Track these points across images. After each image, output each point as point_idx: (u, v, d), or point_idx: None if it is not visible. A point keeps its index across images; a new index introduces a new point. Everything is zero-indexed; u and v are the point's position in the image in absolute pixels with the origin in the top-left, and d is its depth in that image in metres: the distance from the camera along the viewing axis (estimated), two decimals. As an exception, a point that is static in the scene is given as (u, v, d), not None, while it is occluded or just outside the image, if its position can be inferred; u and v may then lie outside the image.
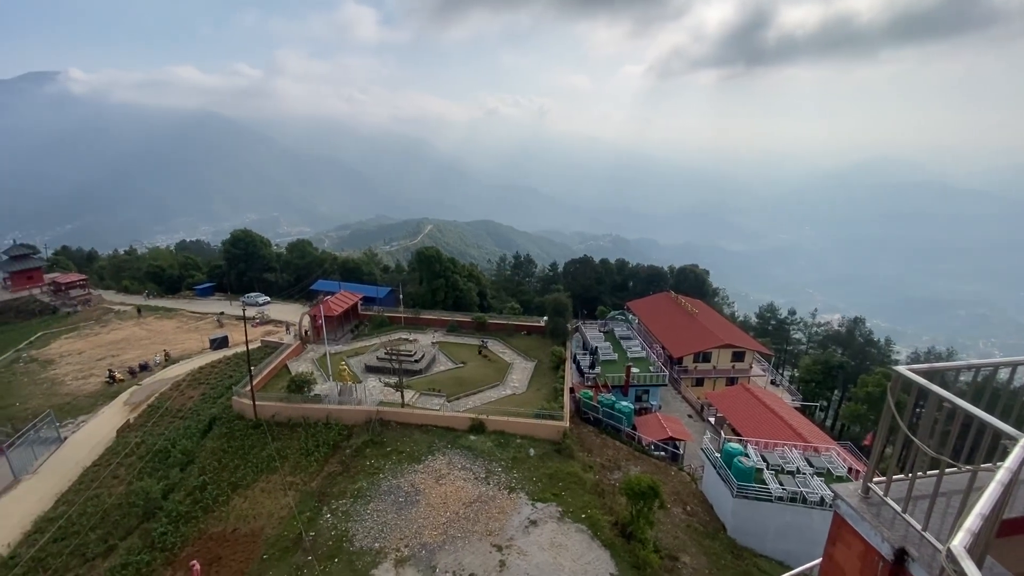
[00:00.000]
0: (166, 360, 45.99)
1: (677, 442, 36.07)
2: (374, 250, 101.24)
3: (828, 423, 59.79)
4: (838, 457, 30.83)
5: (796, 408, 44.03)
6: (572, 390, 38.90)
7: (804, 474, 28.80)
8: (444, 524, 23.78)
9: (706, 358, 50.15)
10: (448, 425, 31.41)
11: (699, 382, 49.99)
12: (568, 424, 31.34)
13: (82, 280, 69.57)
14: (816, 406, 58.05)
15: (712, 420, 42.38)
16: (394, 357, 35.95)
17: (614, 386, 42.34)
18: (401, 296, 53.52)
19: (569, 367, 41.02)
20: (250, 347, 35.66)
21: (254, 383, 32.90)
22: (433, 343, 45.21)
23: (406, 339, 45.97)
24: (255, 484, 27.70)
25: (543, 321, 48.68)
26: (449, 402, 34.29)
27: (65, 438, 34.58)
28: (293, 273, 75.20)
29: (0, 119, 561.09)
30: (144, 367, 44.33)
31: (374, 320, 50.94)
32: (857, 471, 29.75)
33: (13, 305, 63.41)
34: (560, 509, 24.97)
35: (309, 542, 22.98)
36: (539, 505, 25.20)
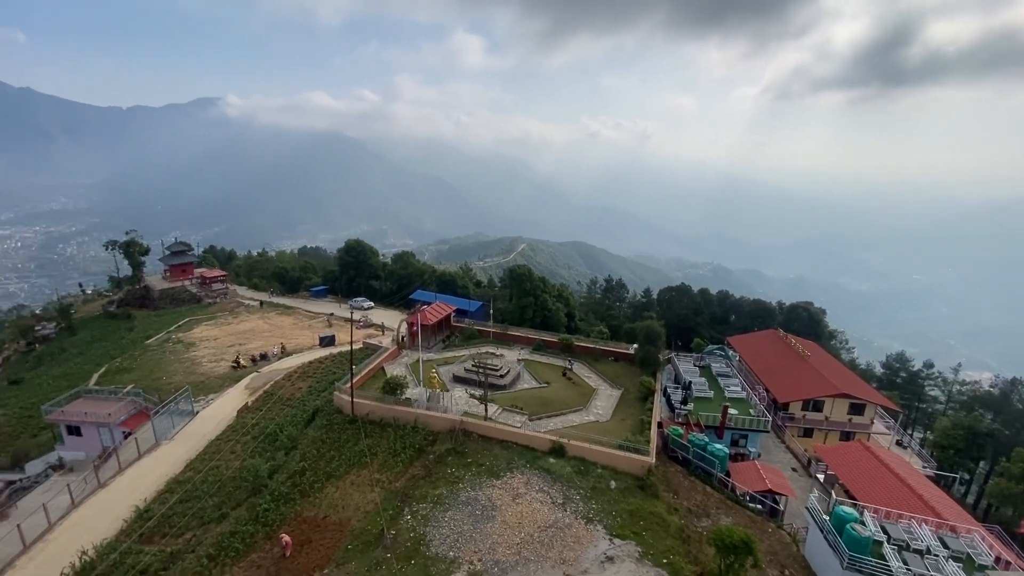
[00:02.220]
0: (282, 352, 51.04)
1: (777, 496, 32.62)
2: (469, 265, 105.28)
3: (970, 500, 50.69)
4: (982, 542, 25.89)
5: (928, 477, 37.88)
6: (660, 425, 36.94)
7: (936, 556, 24.50)
8: (518, 544, 23.51)
9: (817, 407, 45.10)
10: (528, 444, 31.25)
11: (807, 433, 45.01)
12: (654, 460, 29.71)
13: (222, 276, 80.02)
14: (955, 478, 49.59)
15: (821, 477, 37.83)
16: (481, 370, 36.74)
17: (708, 426, 39.52)
18: (491, 311, 54.82)
19: (658, 400, 39.07)
20: (353, 347, 38.45)
21: (354, 381, 35.33)
22: (519, 360, 45.54)
23: (493, 353, 46.81)
24: (346, 476, 29.52)
25: (632, 349, 47.04)
26: (531, 421, 34.17)
27: (197, 412, 39.55)
28: (396, 282, 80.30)
29: (175, 136, 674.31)
30: (264, 356, 49.58)
31: (464, 332, 52.59)
32: (1008, 562, 24.75)
33: (169, 293, 74.50)
34: (640, 549, 23.59)
35: (389, 540, 23.89)
36: (617, 541, 24.02)
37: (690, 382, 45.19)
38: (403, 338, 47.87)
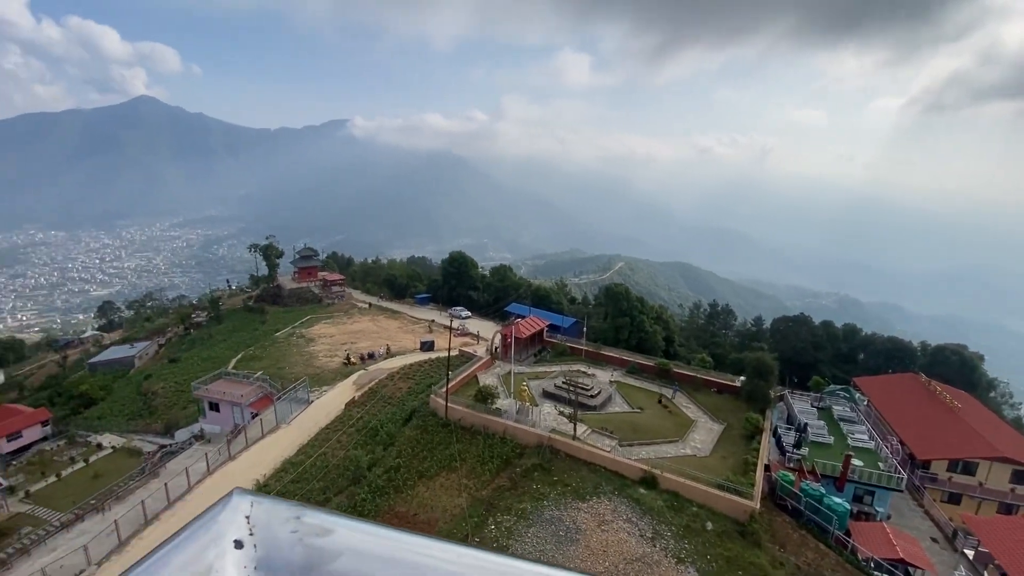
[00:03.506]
0: (387, 353, 54.61)
1: (911, 568, 27.92)
2: (564, 281, 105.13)
3: None
4: None
5: None
6: (768, 468, 33.56)
7: None
8: (602, 574, 22.55)
9: (969, 469, 38.11)
10: (617, 470, 30.04)
11: (953, 499, 38.14)
12: (758, 506, 26.99)
13: (341, 280, 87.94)
14: None
15: (970, 554, 31.74)
16: (571, 388, 36.23)
17: (825, 476, 35.10)
18: (585, 329, 54.02)
19: (767, 440, 35.57)
20: (451, 354, 40.02)
21: (449, 387, 36.69)
22: (611, 381, 44.22)
23: (584, 372, 45.97)
24: (436, 477, 30.57)
25: (739, 381, 43.47)
26: (620, 446, 32.87)
27: (312, 401, 43.55)
28: (493, 294, 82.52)
29: (310, 154, 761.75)
30: (371, 356, 53.41)
31: (556, 348, 52.34)
32: None
33: (296, 293, 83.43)
34: (737, 603, 21.44)
35: (472, 548, 24.21)
36: (711, 589, 22.07)
37: (805, 424, 40.61)
38: (496, 349, 48.83)
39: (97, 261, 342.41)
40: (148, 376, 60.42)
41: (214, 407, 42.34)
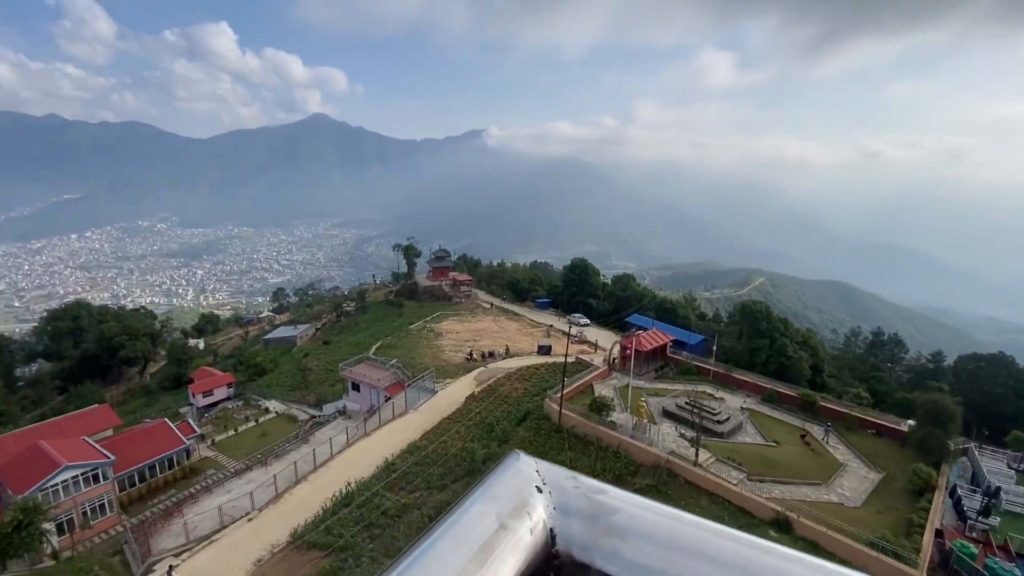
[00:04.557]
0: (506, 353, 56.34)
1: None
2: (694, 294, 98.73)
3: None
4: None
5: None
6: (940, 534, 27.83)
7: None
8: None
9: None
10: (743, 506, 27.26)
11: None
12: (925, 577, 22.48)
13: (469, 280, 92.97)
14: None
15: None
16: (696, 410, 33.77)
17: (1021, 555, 28.07)
18: (715, 348, 50.09)
19: (941, 500, 29.53)
20: (567, 360, 39.93)
21: (564, 393, 36.61)
22: (742, 408, 40.34)
23: (712, 394, 42.59)
24: (546, 483, 30.63)
25: (906, 425, 36.76)
26: (749, 480, 29.76)
27: (437, 391, 46.58)
28: (613, 303, 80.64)
29: (449, 163, 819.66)
30: (491, 354, 55.55)
31: (681, 365, 49.30)
32: None
33: (430, 290, 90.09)
34: None
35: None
36: (856, 665, 18.85)
37: (998, 488, 32.85)
38: (614, 360, 47.52)
39: (275, 254, 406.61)
40: (306, 354, 69.82)
41: (356, 387, 47.43)
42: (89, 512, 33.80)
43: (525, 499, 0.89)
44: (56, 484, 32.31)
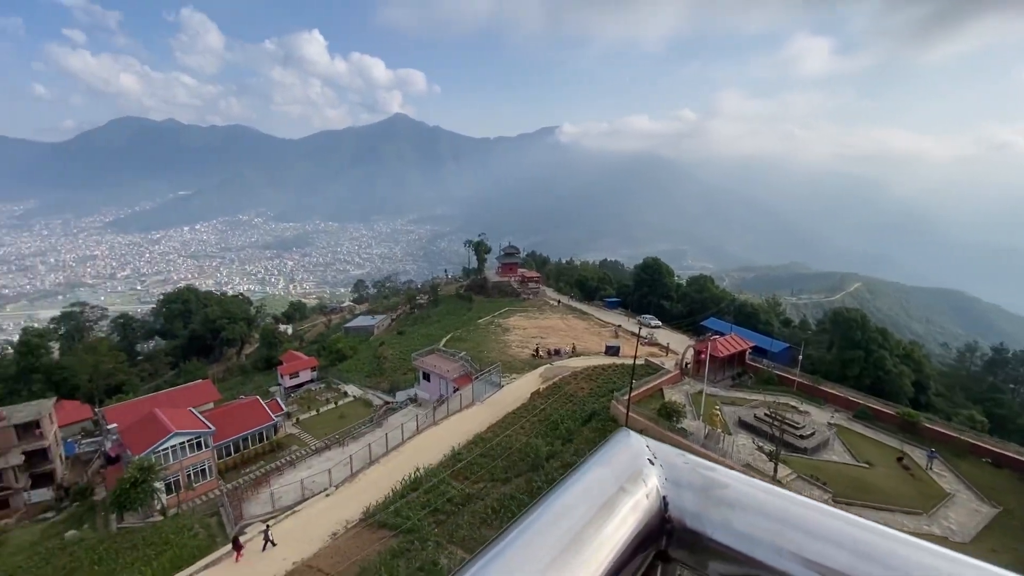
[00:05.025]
0: (573, 352, 55.85)
1: None
2: (778, 299, 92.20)
3: None
4: None
5: None
6: (1073, 584, 23.98)
7: None
8: None
9: None
10: (829, 530, 25.09)
11: None
12: (1053, 633, 19.48)
13: (537, 278, 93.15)
14: None
15: None
16: (776, 422, 31.55)
17: None
18: (800, 357, 46.53)
19: (1075, 545, 25.46)
20: (636, 362, 38.83)
21: (632, 395, 35.66)
22: (829, 424, 37.17)
23: (795, 407, 39.61)
24: (610, 486, 30.03)
25: (1031, 455, 32.09)
26: (835, 502, 27.32)
27: (503, 386, 47.15)
28: (688, 305, 77.36)
29: (521, 160, 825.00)
30: (557, 352, 55.30)
31: (760, 374, 46.32)
32: None
33: (498, 286, 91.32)
34: None
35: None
36: None
37: None
38: (687, 365, 45.58)
39: (356, 248, 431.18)
40: (382, 343, 73.43)
41: (426, 377, 49.18)
42: (192, 475, 37.82)
43: (639, 469, 0.93)
44: (166, 448, 36.44)
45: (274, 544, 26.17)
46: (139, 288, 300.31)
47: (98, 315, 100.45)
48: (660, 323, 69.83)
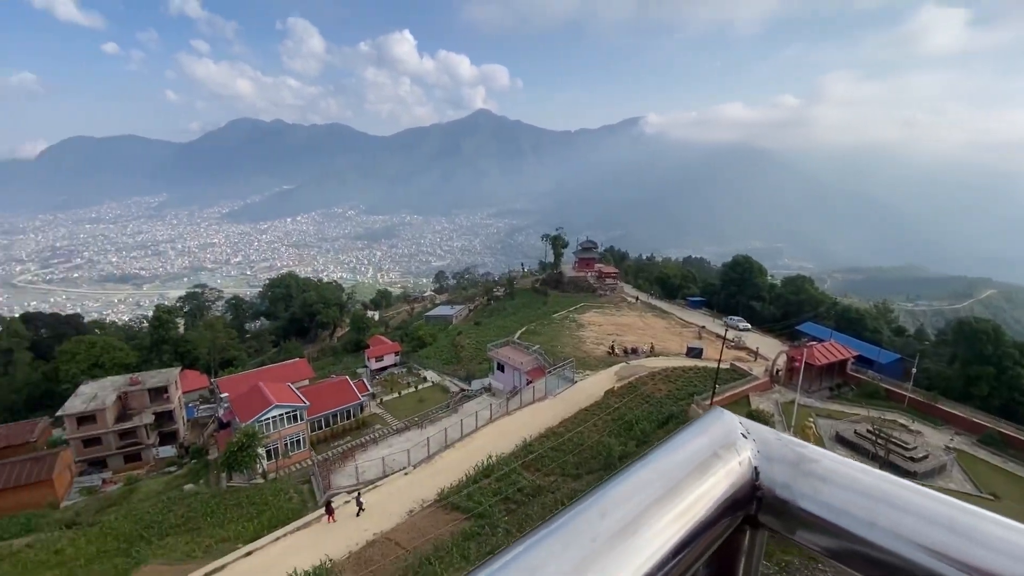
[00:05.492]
0: (651, 351, 54.03)
1: None
2: (889, 304, 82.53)
3: None
4: None
5: None
6: None
7: None
8: None
9: None
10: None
11: None
12: None
13: (615, 273, 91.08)
14: None
15: None
16: (881, 440, 28.41)
17: None
18: (914, 370, 41.47)
19: None
20: (720, 366, 36.73)
21: (714, 400, 33.80)
22: (947, 447, 32.82)
23: (905, 425, 35.42)
24: (687, 493, 28.75)
25: None
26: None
27: (576, 382, 46.76)
28: (782, 307, 71.81)
29: (603, 153, 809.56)
30: (634, 351, 53.77)
31: (864, 387, 41.91)
32: None
33: (574, 281, 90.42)
34: None
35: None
36: None
37: None
38: (778, 372, 42.37)
39: (438, 240, 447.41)
40: (459, 332, 75.72)
41: (501, 367, 50.01)
42: (288, 445, 41.50)
43: (733, 441, 0.97)
44: (268, 418, 40.25)
45: (363, 509, 28.26)
46: (248, 273, 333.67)
47: (215, 296, 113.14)
48: (749, 326, 65.45)
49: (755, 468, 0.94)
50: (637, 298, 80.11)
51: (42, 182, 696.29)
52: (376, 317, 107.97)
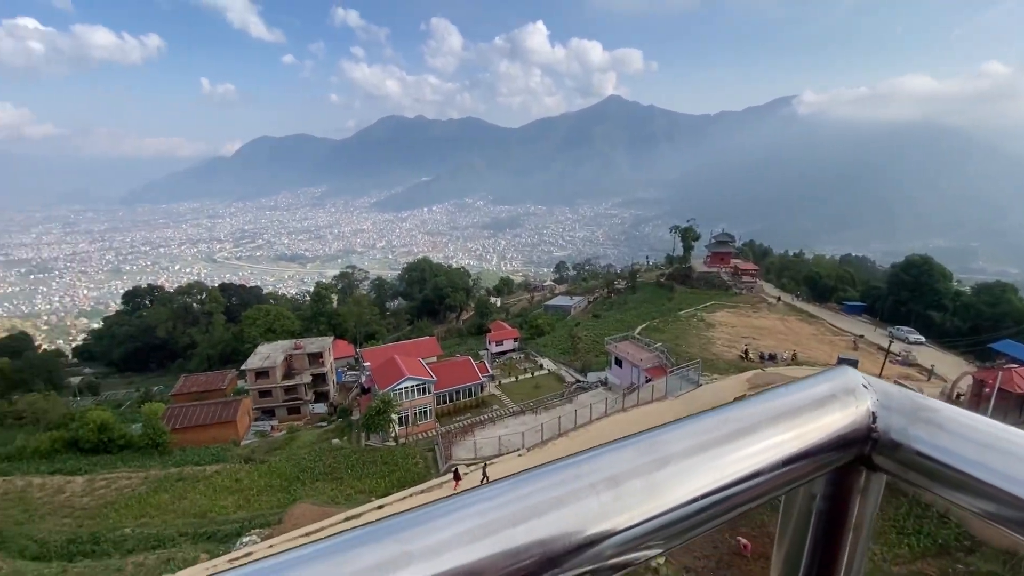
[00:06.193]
0: (792, 359, 48.49)
1: None
2: None
3: None
4: None
5: None
6: None
7: None
8: None
9: None
10: None
11: None
12: None
13: (754, 270, 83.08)
14: None
15: None
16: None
17: None
18: None
19: None
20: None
21: (869, 421, 29.25)
22: None
23: None
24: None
25: None
26: None
27: (700, 384, 43.81)
28: (970, 320, 59.46)
29: (747, 138, 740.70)
30: (772, 357, 48.69)
31: (1092, 426, 32.90)
32: None
33: (705, 276, 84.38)
34: None
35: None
36: None
37: None
38: (959, 396, 35.23)
39: (560, 230, 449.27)
40: (577, 324, 75.46)
41: (618, 362, 48.84)
42: (416, 414, 45.27)
43: (852, 387, 1.00)
44: (401, 388, 44.30)
45: (487, 479, 29.85)
46: (390, 257, 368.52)
47: (362, 276, 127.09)
48: (923, 339, 55.31)
49: (872, 413, 0.97)
50: (779, 298, 72.22)
51: (236, 175, 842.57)
52: (498, 303, 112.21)
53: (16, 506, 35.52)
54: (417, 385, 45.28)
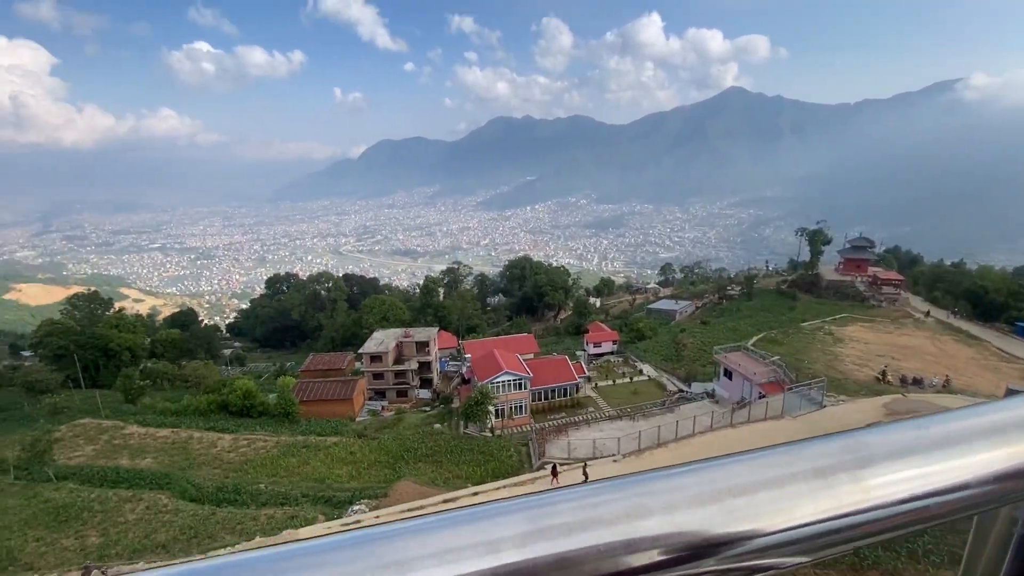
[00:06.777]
0: (944, 386, 41.55)
1: None
2: None
3: None
4: None
5: None
6: None
7: None
8: None
9: None
10: None
11: None
12: None
13: (897, 280, 72.55)
14: None
15: None
16: None
17: None
18: None
19: None
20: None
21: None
22: None
23: None
24: None
25: None
26: None
27: (824, 405, 39.18)
28: None
29: (895, 128, 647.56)
30: (917, 382, 42.16)
31: None
32: None
33: (835, 285, 75.38)
34: None
35: None
36: None
37: None
38: None
39: (668, 230, 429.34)
40: (683, 330, 71.57)
41: (728, 374, 45.46)
42: (512, 409, 46.11)
43: None
44: (498, 382, 45.38)
45: (588, 479, 29.68)
46: (493, 254, 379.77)
47: (467, 272, 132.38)
48: None
49: None
50: (928, 313, 62.24)
51: (361, 176, 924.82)
52: (597, 304, 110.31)
53: (181, 454, 42.49)
54: (513, 380, 46.11)
